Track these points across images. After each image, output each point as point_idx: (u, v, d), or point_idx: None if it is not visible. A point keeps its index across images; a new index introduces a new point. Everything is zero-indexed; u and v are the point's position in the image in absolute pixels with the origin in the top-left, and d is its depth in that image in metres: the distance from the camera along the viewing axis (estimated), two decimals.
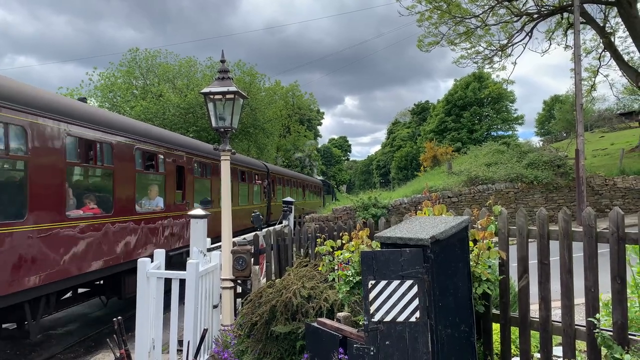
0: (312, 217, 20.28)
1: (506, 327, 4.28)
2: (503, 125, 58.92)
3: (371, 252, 3.61)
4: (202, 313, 5.65)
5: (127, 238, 9.26)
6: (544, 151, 24.24)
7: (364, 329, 3.53)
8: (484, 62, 29.53)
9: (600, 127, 51.18)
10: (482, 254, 3.99)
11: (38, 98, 7.14)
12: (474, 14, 26.48)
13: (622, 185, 21.10)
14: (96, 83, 31.10)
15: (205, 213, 6.39)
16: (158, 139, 10.99)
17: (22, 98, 6.73)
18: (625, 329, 3.54)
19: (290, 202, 14.29)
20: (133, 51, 32.45)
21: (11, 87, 6.69)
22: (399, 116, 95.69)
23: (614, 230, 3.58)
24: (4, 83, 6.62)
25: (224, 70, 6.28)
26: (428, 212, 4.55)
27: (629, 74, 26.82)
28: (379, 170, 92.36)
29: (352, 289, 4.38)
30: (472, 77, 57.35)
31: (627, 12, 24.21)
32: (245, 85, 30.48)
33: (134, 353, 5.14)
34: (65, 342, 8.58)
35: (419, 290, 3.42)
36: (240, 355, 5.10)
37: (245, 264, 6.30)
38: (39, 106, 7.01)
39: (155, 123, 24.17)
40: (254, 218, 10.32)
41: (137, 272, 5.33)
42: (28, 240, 6.66)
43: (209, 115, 6.28)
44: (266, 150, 36.82)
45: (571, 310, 3.85)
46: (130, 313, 7.00)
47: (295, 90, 45.99)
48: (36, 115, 6.89)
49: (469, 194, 20.32)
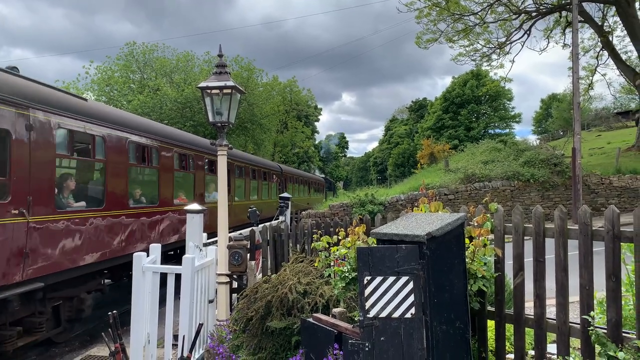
0: (308, 213, 20.29)
1: (501, 324, 4.29)
2: (500, 123, 58.97)
3: (367, 248, 3.61)
4: (198, 308, 5.65)
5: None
6: (540, 149, 24.29)
7: (359, 325, 3.53)
8: (482, 60, 29.57)
9: (597, 126, 51.35)
10: (478, 251, 4.00)
11: (112, 114, 9.23)
12: (473, 11, 26.48)
13: (618, 184, 21.18)
14: (93, 77, 30.96)
15: (202, 208, 6.39)
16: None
17: (103, 116, 8.70)
18: (620, 326, 3.55)
19: (286, 197, 14.25)
20: (130, 45, 32.29)
21: (99, 109, 8.91)
22: (397, 113, 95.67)
23: (610, 228, 3.59)
24: (100, 108, 9.08)
25: (221, 65, 6.26)
26: (424, 209, 4.55)
27: (626, 73, 26.89)
28: (376, 167, 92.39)
29: (347, 285, 4.39)
30: (470, 75, 57.34)
31: (625, 11, 24.25)
32: (242, 80, 30.39)
33: (129, 347, 5.14)
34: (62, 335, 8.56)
35: (414, 286, 3.42)
36: (236, 350, 5.10)
37: (241, 259, 6.30)
38: (111, 120, 8.91)
39: (153, 117, 24.10)
40: (251, 213, 10.29)
41: (133, 267, 5.32)
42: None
43: (206, 110, 6.26)
44: (263, 146, 36.77)
45: (566, 307, 3.86)
46: (126, 307, 6.99)
47: (293, 86, 45.92)
48: (109, 128, 8.72)
49: (465, 191, 20.35)
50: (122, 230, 8.99)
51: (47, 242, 6.88)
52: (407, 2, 26.41)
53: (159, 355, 5.56)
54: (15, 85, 6.55)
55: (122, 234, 8.99)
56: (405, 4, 26.45)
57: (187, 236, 6.27)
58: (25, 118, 6.55)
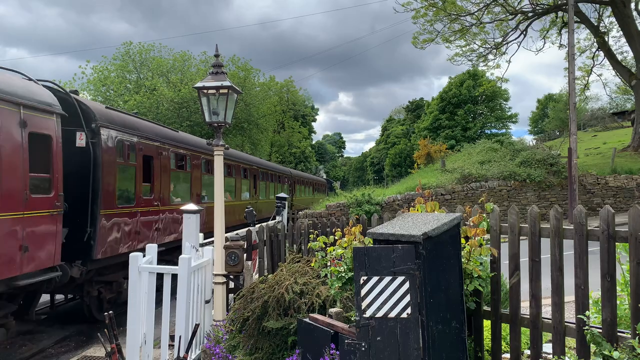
0: (305, 213, 20.29)
1: (497, 324, 4.30)
2: (497, 123, 59.09)
3: (363, 248, 3.61)
4: (194, 308, 5.64)
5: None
6: (537, 149, 24.33)
7: (356, 325, 3.53)
8: (478, 60, 29.66)
9: (593, 126, 51.45)
10: (473, 250, 4.01)
11: (162, 133, 11.72)
12: (469, 12, 26.54)
13: (614, 184, 21.25)
14: (89, 77, 30.87)
15: (198, 208, 6.38)
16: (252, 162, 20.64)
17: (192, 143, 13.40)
18: (615, 326, 3.57)
19: (283, 197, 14.24)
20: (127, 45, 32.20)
21: (147, 125, 11.22)
22: (394, 113, 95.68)
23: (605, 228, 3.60)
24: (154, 127, 11.54)
25: (217, 65, 6.25)
26: (421, 209, 4.56)
27: (622, 74, 27.00)
28: (373, 167, 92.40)
29: (344, 285, 4.39)
30: (466, 75, 57.41)
31: (621, 11, 24.35)
32: (239, 80, 30.36)
33: (125, 348, 5.13)
34: (57, 335, 8.54)
35: (410, 286, 3.43)
36: (232, 351, 5.10)
37: (238, 259, 6.30)
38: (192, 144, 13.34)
39: (149, 117, 24.05)
40: (247, 214, 10.29)
41: (129, 267, 5.31)
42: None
43: (203, 110, 6.26)
44: (260, 146, 36.77)
45: (561, 307, 3.87)
46: (122, 308, 6.99)
47: (290, 86, 45.91)
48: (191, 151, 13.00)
49: (462, 191, 20.38)
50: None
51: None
52: (404, 3, 26.45)
53: (155, 355, 5.55)
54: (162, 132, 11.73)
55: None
56: (402, 4, 26.51)
57: (183, 236, 6.26)
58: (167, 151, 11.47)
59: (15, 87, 6.81)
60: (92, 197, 8.41)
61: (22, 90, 6.88)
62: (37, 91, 7.30)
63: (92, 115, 8.54)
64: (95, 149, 8.46)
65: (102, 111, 9.10)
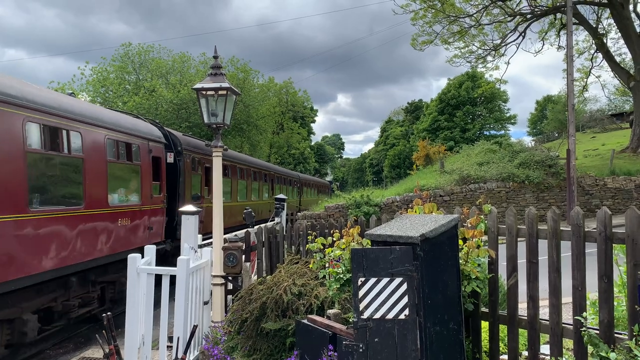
0: (304, 214, 20.29)
1: (495, 325, 4.31)
2: (496, 124, 59.15)
3: (361, 250, 3.62)
4: (193, 309, 5.64)
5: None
6: (535, 151, 24.34)
7: (354, 326, 3.54)
8: (477, 62, 29.67)
9: (591, 128, 51.51)
10: (471, 252, 4.02)
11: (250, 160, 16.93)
12: (468, 13, 26.58)
13: (612, 185, 21.26)
14: (88, 78, 30.85)
15: (197, 209, 6.38)
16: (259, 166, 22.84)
17: (243, 160, 17.55)
18: (612, 327, 3.58)
19: (282, 199, 14.23)
20: (126, 46, 32.19)
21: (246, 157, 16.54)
22: (393, 114, 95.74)
23: (602, 229, 3.61)
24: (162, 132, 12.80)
25: (216, 66, 6.26)
26: (419, 211, 4.57)
27: (620, 75, 27.04)
28: (372, 169, 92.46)
29: (342, 286, 4.40)
30: (465, 76, 57.49)
31: (619, 13, 24.40)
32: (238, 81, 30.36)
33: (123, 349, 5.12)
34: (55, 337, 8.53)
35: (408, 287, 3.43)
36: (230, 352, 5.11)
37: (236, 260, 6.30)
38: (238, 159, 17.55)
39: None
40: (246, 215, 10.29)
41: (127, 268, 5.31)
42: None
43: (202, 112, 6.27)
44: (259, 147, 36.76)
45: (559, 308, 3.88)
46: (120, 310, 6.99)
47: (289, 87, 45.91)
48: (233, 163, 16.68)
49: (460, 192, 20.39)
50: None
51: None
52: (403, 4, 26.49)
53: (153, 356, 5.54)
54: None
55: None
56: (401, 5, 26.53)
57: (182, 237, 6.26)
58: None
59: (145, 128, 11.00)
60: (179, 196, 12.17)
61: (146, 129, 11.09)
62: (153, 130, 11.49)
63: (177, 142, 12.61)
64: (180, 164, 12.39)
65: (183, 138, 13.20)
